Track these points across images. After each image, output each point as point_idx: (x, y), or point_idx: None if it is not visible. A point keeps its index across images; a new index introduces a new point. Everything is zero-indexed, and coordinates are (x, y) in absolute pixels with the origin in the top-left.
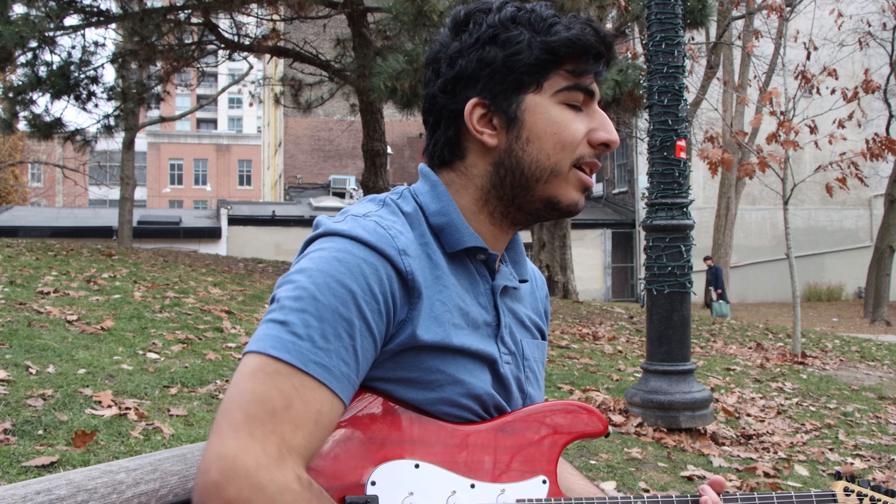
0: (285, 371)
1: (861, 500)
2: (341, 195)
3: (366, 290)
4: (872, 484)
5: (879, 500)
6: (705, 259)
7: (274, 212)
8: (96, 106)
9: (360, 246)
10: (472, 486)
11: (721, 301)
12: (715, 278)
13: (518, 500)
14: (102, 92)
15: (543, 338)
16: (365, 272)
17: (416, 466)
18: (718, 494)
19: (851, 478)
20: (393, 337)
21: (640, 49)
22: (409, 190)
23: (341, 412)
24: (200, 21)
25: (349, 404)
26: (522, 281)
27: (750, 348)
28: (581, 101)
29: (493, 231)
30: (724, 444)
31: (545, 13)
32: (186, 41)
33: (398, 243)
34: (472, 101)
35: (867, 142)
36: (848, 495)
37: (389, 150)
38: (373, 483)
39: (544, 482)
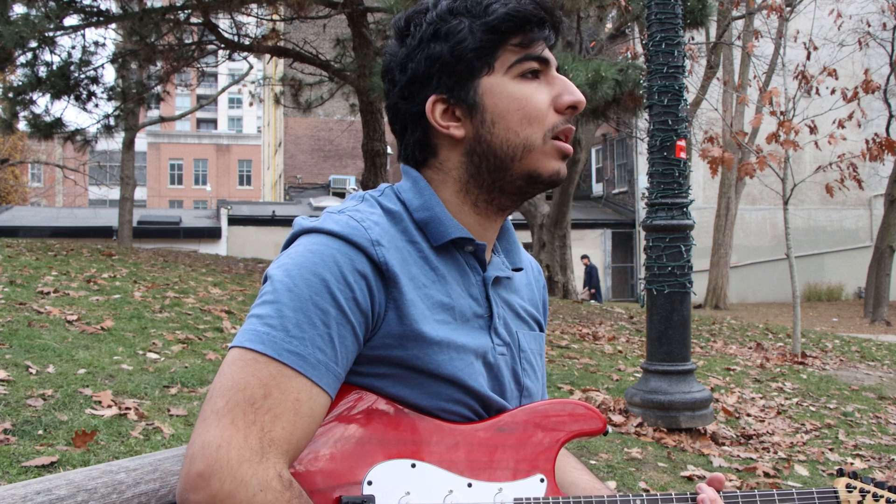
0: (262, 361)
1: (863, 496)
2: (341, 195)
3: (339, 278)
4: (875, 481)
5: (881, 497)
6: (582, 258)
7: (274, 212)
8: (96, 106)
9: (333, 238)
10: (469, 485)
11: (594, 301)
12: (590, 277)
13: (515, 499)
14: (102, 92)
15: (541, 329)
16: (338, 261)
17: (413, 466)
18: (718, 492)
19: (854, 475)
20: (376, 328)
21: (640, 49)
22: (393, 188)
23: (325, 401)
24: (200, 21)
25: (345, 401)
26: (516, 269)
27: (750, 348)
28: (537, 70)
29: (479, 221)
30: (724, 444)
31: None
32: (186, 41)
33: (371, 234)
34: (431, 98)
35: (867, 142)
36: (850, 492)
37: (389, 150)
38: (369, 483)
39: (542, 481)
